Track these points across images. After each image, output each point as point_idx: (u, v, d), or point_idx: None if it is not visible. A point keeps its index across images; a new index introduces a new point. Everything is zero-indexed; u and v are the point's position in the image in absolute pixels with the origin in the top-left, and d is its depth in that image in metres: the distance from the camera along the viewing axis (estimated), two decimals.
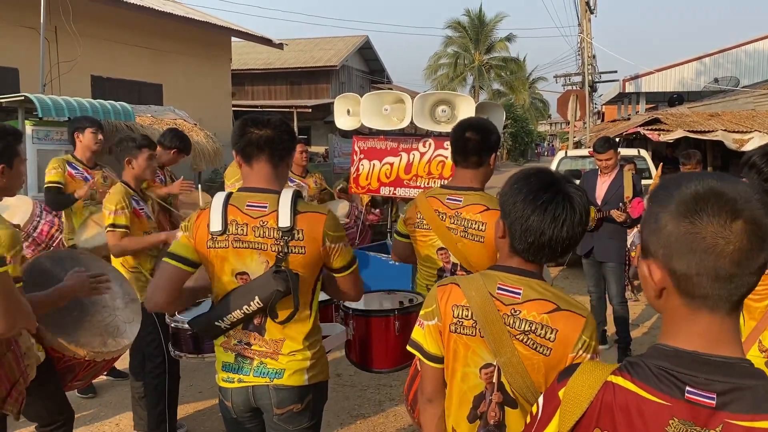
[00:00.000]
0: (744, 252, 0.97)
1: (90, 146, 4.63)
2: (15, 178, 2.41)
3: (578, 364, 1.16)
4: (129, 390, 4.03)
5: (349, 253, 2.25)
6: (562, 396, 1.11)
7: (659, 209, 1.03)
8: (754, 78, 20.43)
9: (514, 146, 47.51)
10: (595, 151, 5.57)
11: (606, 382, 1.07)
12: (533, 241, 1.63)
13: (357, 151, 5.61)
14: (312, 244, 2.11)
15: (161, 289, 2.17)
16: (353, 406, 4.46)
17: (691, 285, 1.00)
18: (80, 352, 2.69)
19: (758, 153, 2.42)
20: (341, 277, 2.27)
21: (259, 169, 2.20)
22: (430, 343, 1.74)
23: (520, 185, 1.67)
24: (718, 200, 0.98)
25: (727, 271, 0.98)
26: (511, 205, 1.66)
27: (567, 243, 1.64)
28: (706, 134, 11.75)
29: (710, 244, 0.97)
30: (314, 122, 26.71)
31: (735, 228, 0.97)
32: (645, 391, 1.02)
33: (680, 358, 1.01)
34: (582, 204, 1.65)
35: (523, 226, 1.63)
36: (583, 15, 20.83)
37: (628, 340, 5.46)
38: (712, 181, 1.01)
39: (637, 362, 1.06)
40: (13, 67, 11.76)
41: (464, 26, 41.53)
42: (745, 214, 0.97)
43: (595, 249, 5.49)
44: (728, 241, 0.97)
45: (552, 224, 1.60)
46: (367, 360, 2.84)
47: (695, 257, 0.98)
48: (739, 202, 0.97)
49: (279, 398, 2.18)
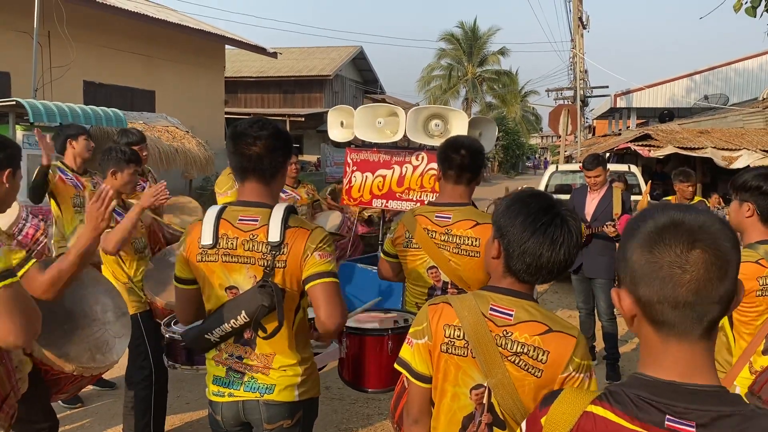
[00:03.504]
0: (701, 282, 1.00)
1: (82, 153, 4.72)
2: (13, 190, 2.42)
3: (560, 390, 1.17)
4: (116, 400, 4.01)
5: (323, 263, 2.08)
6: (544, 423, 1.13)
7: (627, 240, 1.08)
8: (743, 96, 20.65)
9: (506, 159, 47.72)
10: (584, 167, 5.61)
11: (586, 411, 1.08)
12: (531, 263, 1.65)
13: (350, 163, 5.62)
14: (293, 258, 2.10)
15: (181, 310, 2.33)
16: (341, 420, 4.44)
17: (656, 312, 1.03)
18: (68, 367, 2.65)
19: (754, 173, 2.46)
20: (310, 288, 2.09)
21: (251, 186, 2.19)
22: (419, 362, 1.73)
23: (518, 207, 1.68)
24: (676, 230, 1.02)
25: (685, 299, 1.00)
26: (508, 227, 1.67)
27: (563, 265, 1.66)
28: (696, 151, 11.86)
29: (667, 273, 1.01)
30: (307, 131, 26.75)
31: (692, 258, 1.00)
32: (625, 420, 1.03)
33: (658, 388, 1.03)
34: (577, 227, 1.68)
35: (522, 248, 1.64)
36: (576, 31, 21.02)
37: (616, 356, 5.48)
38: (674, 212, 1.05)
39: (617, 391, 1.07)
40: (5, 72, 11.71)
41: (458, 39, 41.75)
42: (702, 243, 1.00)
43: (584, 265, 5.51)
44: (684, 270, 1.00)
45: (551, 247, 1.63)
46: (359, 379, 2.81)
47: (655, 286, 1.02)
48: (697, 232, 1.00)
49: (269, 414, 2.17)
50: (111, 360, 2.90)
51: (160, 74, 15.67)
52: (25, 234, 4.67)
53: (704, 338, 1.04)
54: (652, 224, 1.04)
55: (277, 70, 29.27)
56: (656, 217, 1.05)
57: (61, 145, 4.77)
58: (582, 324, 5.73)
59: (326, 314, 2.07)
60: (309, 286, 2.09)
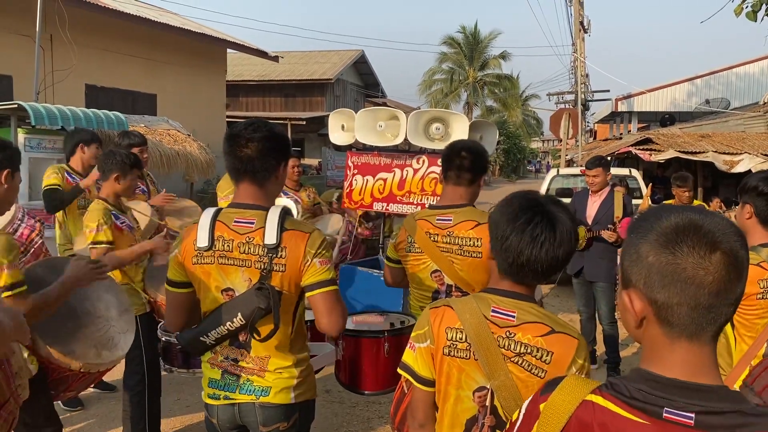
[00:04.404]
0: (723, 283, 1.01)
1: (90, 160, 4.76)
2: (12, 191, 2.43)
3: (562, 377, 1.17)
4: (116, 403, 4.01)
5: (323, 272, 2.10)
6: (543, 409, 1.13)
7: (639, 240, 1.06)
8: (744, 100, 20.67)
9: (507, 162, 47.70)
10: (585, 167, 5.62)
11: (585, 400, 1.09)
12: (512, 262, 1.65)
13: (350, 166, 5.62)
14: (293, 261, 2.09)
15: (171, 315, 2.30)
16: (341, 423, 4.43)
17: (672, 314, 1.03)
18: (75, 364, 2.66)
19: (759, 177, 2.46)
20: (311, 296, 2.12)
21: (245, 188, 2.19)
22: (422, 366, 1.73)
23: (503, 206, 1.71)
24: (697, 232, 1.02)
25: (706, 301, 1.01)
26: (494, 226, 1.70)
27: (549, 264, 1.64)
28: (697, 155, 11.85)
29: (690, 275, 1.01)
30: (308, 135, 26.76)
31: (714, 260, 1.00)
32: (624, 410, 1.04)
33: (659, 383, 1.04)
34: (565, 226, 1.65)
35: (503, 246, 1.66)
36: (577, 35, 21.05)
37: (617, 361, 5.47)
38: (691, 213, 1.04)
39: (617, 383, 1.08)
40: (7, 75, 11.74)
41: (459, 43, 41.77)
42: (724, 246, 1.01)
43: (585, 269, 5.51)
44: (708, 272, 1.00)
45: (530, 245, 1.62)
46: (356, 381, 2.81)
47: (676, 287, 1.02)
48: (717, 235, 1.01)
49: (265, 416, 2.17)
50: (117, 355, 2.91)
51: (162, 78, 15.70)
52: (19, 234, 4.67)
53: (713, 340, 1.05)
54: (669, 225, 1.03)
55: (279, 73, 29.32)
56: (673, 218, 1.04)
57: (72, 148, 4.79)
58: (583, 328, 5.72)
59: (328, 321, 2.11)
60: (310, 295, 2.12)
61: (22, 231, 4.68)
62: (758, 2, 6.90)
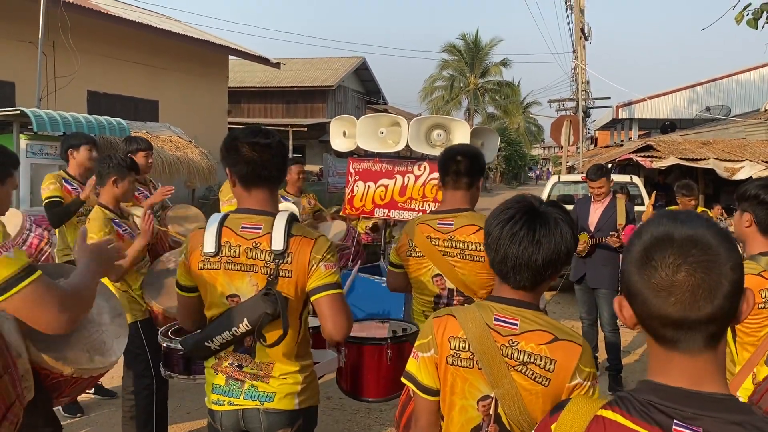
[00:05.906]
0: (686, 304, 1.00)
1: (84, 163, 4.63)
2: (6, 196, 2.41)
3: (569, 399, 1.18)
4: (116, 409, 3.99)
5: (328, 275, 2.10)
6: (554, 429, 1.13)
7: (626, 253, 1.10)
8: (745, 107, 20.71)
9: (508, 169, 47.73)
10: (588, 178, 5.61)
11: (596, 416, 1.09)
12: (493, 258, 1.68)
13: (352, 173, 5.63)
14: (299, 267, 2.10)
15: (182, 316, 2.38)
16: (343, 430, 4.42)
17: (650, 327, 1.06)
18: (67, 369, 2.64)
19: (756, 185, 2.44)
20: (315, 300, 2.11)
21: (259, 194, 2.19)
22: (425, 376, 1.72)
23: (497, 206, 1.75)
24: (663, 249, 1.03)
25: (674, 318, 1.02)
26: (486, 224, 1.74)
27: (537, 265, 1.62)
28: (698, 162, 11.87)
29: (653, 293, 1.03)
30: (309, 141, 26.80)
31: (677, 280, 1.01)
32: (635, 424, 1.03)
33: (667, 393, 1.03)
34: (548, 225, 1.64)
35: (488, 242, 1.70)
36: (578, 42, 21.08)
37: (619, 368, 5.45)
38: (667, 226, 1.05)
39: (626, 396, 1.08)
40: (10, 81, 11.78)
41: (460, 50, 41.88)
42: (687, 266, 1.00)
43: (587, 275, 5.50)
44: (670, 293, 1.01)
45: (511, 243, 1.63)
46: (358, 388, 2.80)
47: (646, 303, 1.04)
48: (686, 248, 1.01)
49: (269, 422, 2.16)
50: (110, 361, 2.88)
51: (164, 84, 15.74)
52: (29, 244, 4.68)
53: (708, 350, 1.04)
54: (643, 242, 1.06)
55: (280, 80, 29.39)
56: (650, 232, 1.06)
57: (64, 155, 4.75)
58: (585, 335, 5.70)
59: (333, 325, 2.09)
60: (315, 298, 2.11)
61: (31, 240, 4.69)
62: (759, 10, 6.92)
